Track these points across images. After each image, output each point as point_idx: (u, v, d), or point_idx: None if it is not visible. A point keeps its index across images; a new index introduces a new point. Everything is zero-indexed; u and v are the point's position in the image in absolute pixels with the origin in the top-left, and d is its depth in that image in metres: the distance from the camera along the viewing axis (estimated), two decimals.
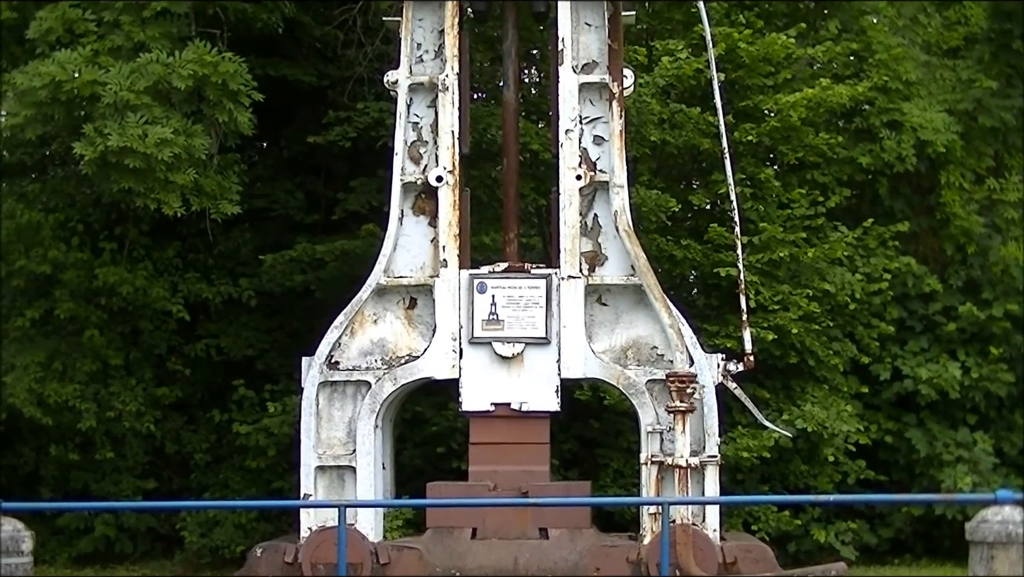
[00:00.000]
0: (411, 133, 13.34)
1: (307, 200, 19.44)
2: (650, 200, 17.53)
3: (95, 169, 13.94)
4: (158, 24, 14.31)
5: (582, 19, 13.33)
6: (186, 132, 13.98)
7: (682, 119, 17.93)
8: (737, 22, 18.51)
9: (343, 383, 13.19)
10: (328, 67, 19.18)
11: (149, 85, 13.84)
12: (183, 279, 18.73)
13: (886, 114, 18.71)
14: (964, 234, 18.85)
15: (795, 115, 18.08)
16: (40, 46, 14.22)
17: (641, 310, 13.08)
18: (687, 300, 17.75)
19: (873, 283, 18.37)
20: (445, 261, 13.06)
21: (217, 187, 15.03)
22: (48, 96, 13.76)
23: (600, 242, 13.22)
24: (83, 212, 18.26)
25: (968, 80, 19.07)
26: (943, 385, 18.26)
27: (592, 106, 13.28)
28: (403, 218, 13.29)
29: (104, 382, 18.31)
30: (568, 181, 13.09)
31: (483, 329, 13.03)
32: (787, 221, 18.09)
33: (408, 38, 13.41)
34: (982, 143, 19.18)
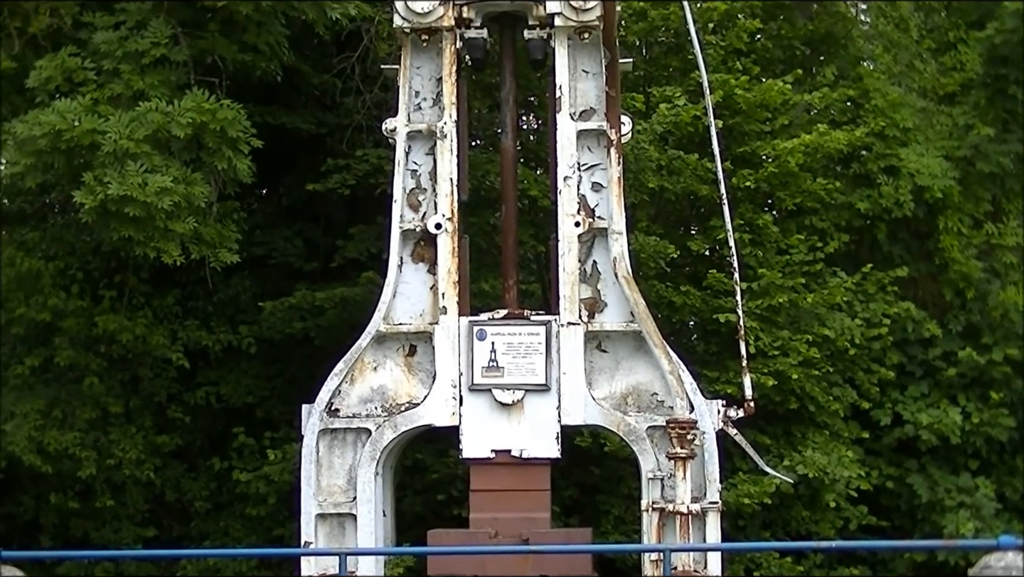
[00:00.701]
0: (410, 180, 13.35)
1: (306, 247, 19.47)
2: (649, 246, 17.57)
3: (95, 217, 13.96)
4: (157, 72, 14.36)
5: (579, 66, 13.36)
6: (185, 180, 14.01)
7: (680, 165, 17.99)
8: (734, 69, 18.60)
9: (343, 430, 13.16)
10: (327, 115, 19.24)
11: (148, 133, 13.87)
12: (183, 327, 18.74)
13: (884, 160, 18.78)
14: (963, 279, 18.87)
15: (793, 161, 18.15)
16: (40, 95, 14.27)
17: (641, 356, 13.06)
18: (687, 346, 17.75)
19: (873, 328, 18.38)
20: (444, 308, 13.05)
21: (217, 235, 15.04)
22: (48, 145, 13.79)
23: (599, 288, 13.21)
24: (83, 260, 18.27)
25: (965, 125, 19.14)
26: (944, 430, 18.25)
27: (590, 153, 13.30)
28: (402, 265, 13.28)
29: (104, 430, 18.28)
30: (567, 228, 13.09)
31: (483, 376, 13.01)
32: (786, 267, 18.13)
33: (406, 86, 13.43)
34: (980, 188, 19.24)
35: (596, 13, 13.04)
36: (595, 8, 13.02)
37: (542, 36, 13.32)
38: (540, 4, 13.15)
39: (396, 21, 13.27)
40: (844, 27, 20.33)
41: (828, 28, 20.15)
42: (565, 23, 13.12)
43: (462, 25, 13.28)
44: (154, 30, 14.37)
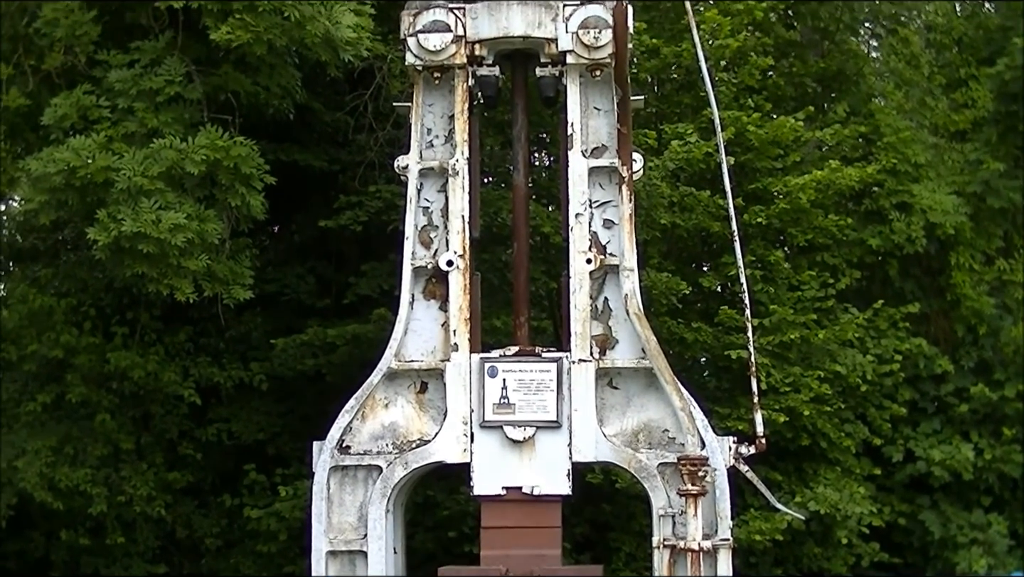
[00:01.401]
0: (421, 217, 13.38)
1: (318, 284, 19.51)
2: (661, 283, 17.58)
3: (108, 254, 13.97)
4: (171, 110, 14.39)
5: (591, 104, 13.40)
6: (199, 217, 14.03)
7: (692, 202, 18.02)
8: (746, 106, 18.65)
9: (354, 467, 13.15)
10: (339, 152, 19.31)
11: (162, 170, 13.89)
12: (195, 363, 18.77)
13: (895, 196, 18.81)
14: (975, 315, 18.87)
15: (804, 197, 18.17)
16: (54, 132, 14.30)
17: (652, 393, 13.05)
18: (698, 383, 17.74)
19: (884, 364, 18.37)
20: (456, 345, 13.06)
21: (229, 272, 15.06)
22: (62, 182, 13.81)
23: (611, 325, 13.20)
24: (95, 297, 18.33)
25: (976, 162, 19.18)
26: (956, 467, 18.22)
27: (602, 190, 13.32)
28: (414, 302, 13.29)
29: (115, 466, 18.30)
30: (578, 265, 13.10)
31: (494, 413, 12.99)
32: (797, 303, 18.13)
33: (418, 123, 13.47)
34: (991, 224, 19.27)
35: (608, 51, 13.07)
36: (607, 46, 13.06)
37: (554, 74, 13.36)
38: (552, 42, 13.18)
39: (408, 59, 13.32)
40: (855, 64, 20.40)
41: (840, 65, 20.23)
42: (577, 61, 13.16)
43: (474, 63, 13.32)
44: (168, 68, 14.43)
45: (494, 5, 13.21)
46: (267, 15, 13.64)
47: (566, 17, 13.13)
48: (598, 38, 13.05)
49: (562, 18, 13.14)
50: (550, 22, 13.16)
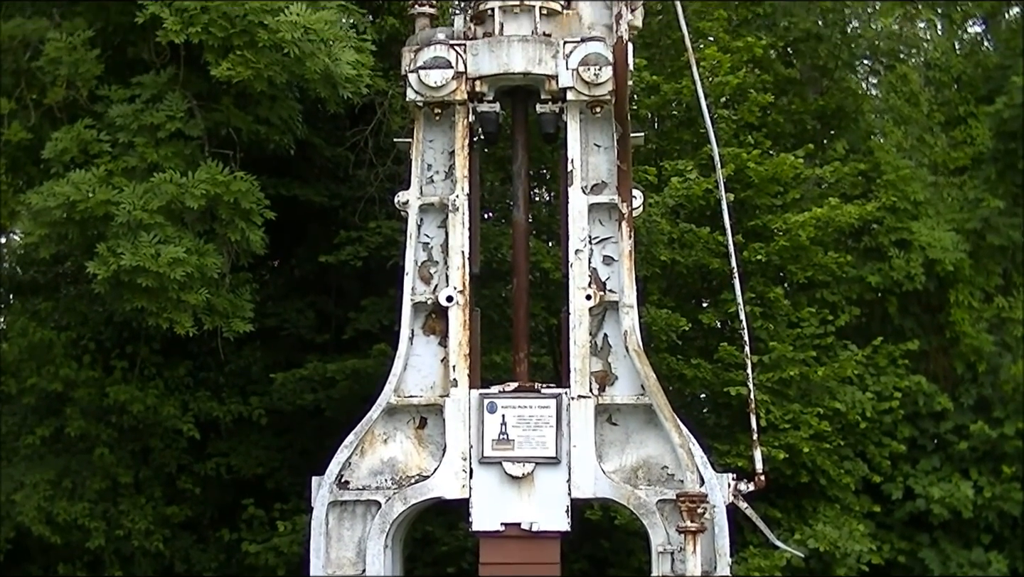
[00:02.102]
0: (421, 253, 13.40)
1: (318, 319, 19.52)
2: (660, 319, 17.59)
3: (108, 288, 14.00)
4: (172, 145, 14.44)
5: (591, 140, 13.43)
6: (198, 251, 14.06)
7: (692, 239, 18.04)
8: (746, 142, 18.69)
9: (353, 502, 13.13)
10: (340, 187, 19.36)
11: (162, 205, 13.92)
12: (194, 397, 18.77)
13: (895, 233, 18.84)
14: (974, 352, 18.88)
15: (804, 234, 18.20)
16: (55, 166, 14.34)
17: (651, 430, 13.04)
18: (698, 419, 17.74)
19: (884, 402, 18.37)
20: (455, 381, 13.05)
21: (229, 306, 15.08)
22: (62, 216, 13.85)
23: (610, 361, 13.20)
24: (95, 330, 18.36)
25: (975, 199, 19.23)
26: (956, 504, 18.19)
27: (602, 226, 13.34)
28: (413, 338, 13.29)
29: (114, 500, 18.28)
30: (578, 301, 13.10)
31: (493, 449, 12.98)
32: (797, 340, 18.13)
33: (419, 159, 13.50)
34: (990, 261, 19.29)
35: (608, 88, 13.11)
36: (607, 83, 13.09)
37: (554, 110, 13.39)
38: (552, 79, 13.22)
39: (409, 95, 13.36)
40: (855, 101, 20.47)
41: (839, 103, 20.30)
42: (577, 97, 13.20)
43: (475, 99, 13.36)
44: (169, 103, 14.48)
45: (495, 42, 13.25)
46: (267, 51, 13.69)
47: (566, 54, 13.17)
48: (598, 75, 13.09)
49: (562, 55, 13.18)
50: (550, 59, 13.19)
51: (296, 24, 13.43)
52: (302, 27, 13.46)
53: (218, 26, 13.62)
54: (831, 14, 20.30)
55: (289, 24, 13.42)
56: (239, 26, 13.60)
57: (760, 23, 20.22)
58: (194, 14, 13.61)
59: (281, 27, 13.41)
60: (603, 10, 13.46)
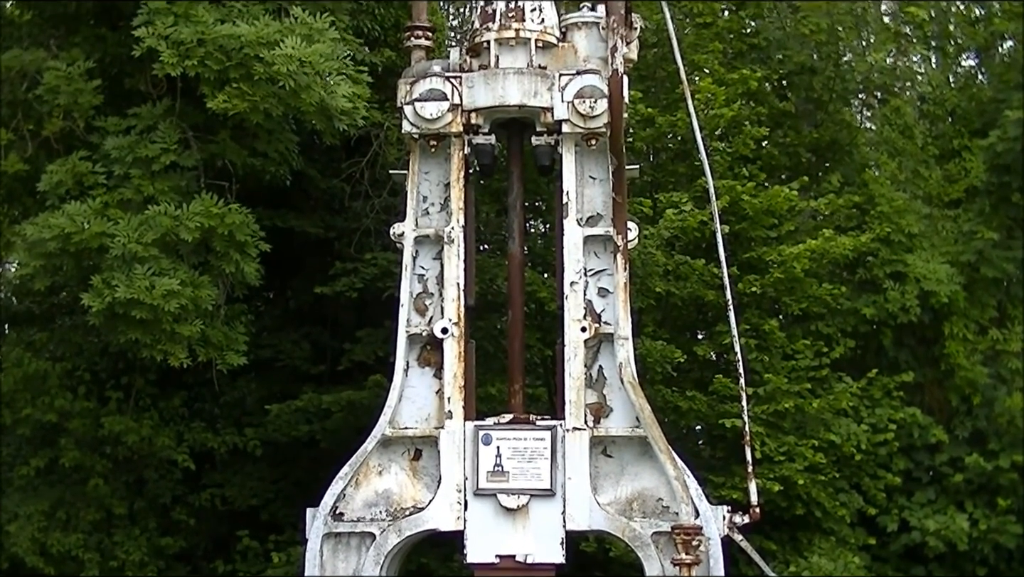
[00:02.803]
0: (416, 285, 13.41)
1: (313, 350, 19.52)
2: (655, 351, 17.60)
3: (102, 320, 14.02)
4: (167, 177, 14.48)
5: (586, 173, 13.46)
6: (193, 283, 14.08)
7: (687, 271, 18.06)
8: (740, 175, 18.73)
9: (347, 534, 13.11)
10: (335, 219, 19.38)
11: (157, 237, 13.96)
12: (189, 428, 18.76)
13: (889, 265, 18.87)
14: (969, 385, 18.88)
15: (799, 266, 18.22)
16: (50, 198, 14.38)
17: (646, 462, 13.03)
18: (693, 451, 17.72)
19: (879, 434, 18.37)
20: (450, 413, 13.05)
21: (224, 338, 15.10)
22: (57, 247, 13.88)
23: (605, 393, 13.20)
24: (90, 361, 18.35)
25: (970, 231, 19.26)
26: (951, 537, 18.16)
27: (597, 258, 13.35)
28: (408, 369, 13.29)
29: (108, 531, 18.25)
30: (573, 333, 13.11)
31: (488, 481, 12.97)
32: (792, 372, 18.14)
33: (414, 191, 13.52)
34: (985, 294, 19.31)
35: (603, 120, 13.14)
36: (602, 115, 13.12)
37: (549, 142, 13.42)
38: (548, 111, 13.25)
39: (405, 127, 13.39)
40: (849, 134, 20.52)
41: (833, 135, 20.35)
42: (572, 130, 13.23)
43: (470, 131, 13.39)
44: (164, 135, 14.52)
45: (490, 74, 13.30)
46: (263, 84, 13.72)
47: (562, 86, 13.21)
48: (594, 107, 13.12)
49: (558, 87, 13.22)
50: (546, 91, 13.23)
51: (292, 57, 13.47)
52: (297, 60, 13.50)
53: (214, 59, 13.67)
54: (825, 47, 20.36)
55: (285, 57, 13.46)
56: (235, 59, 13.65)
57: (755, 56, 20.29)
58: (190, 47, 13.66)
59: (277, 60, 13.45)
60: (598, 43, 13.50)
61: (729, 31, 20.22)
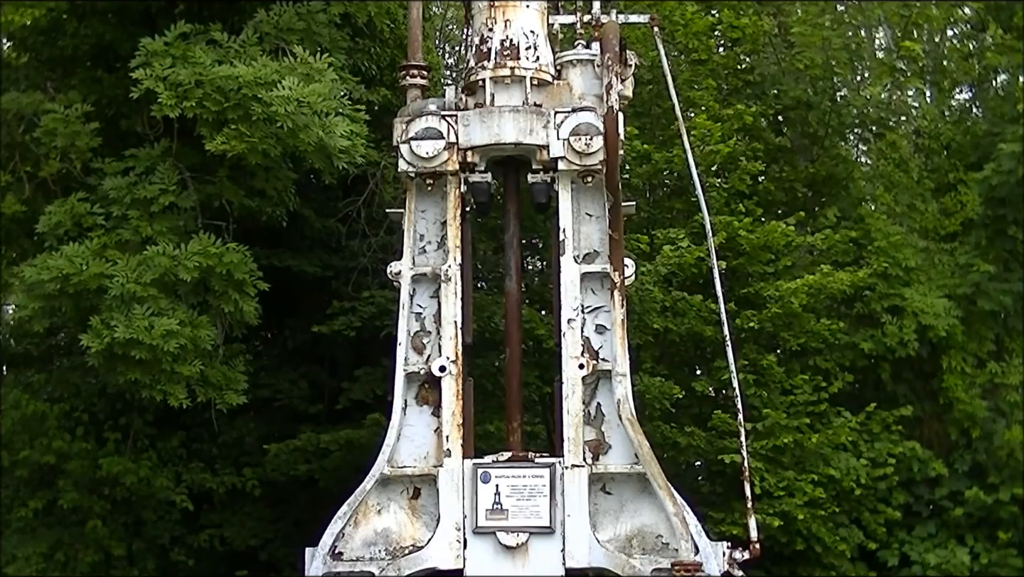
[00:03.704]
0: (414, 323, 13.41)
1: (311, 389, 19.51)
2: (653, 387, 17.60)
3: (101, 360, 14.02)
4: (166, 218, 14.51)
5: (583, 210, 13.48)
6: (192, 323, 14.10)
7: (684, 307, 18.08)
8: (737, 211, 18.77)
9: (347, 574, 13.05)
10: (332, 257, 19.40)
11: (156, 277, 13.98)
12: (187, 469, 18.73)
13: (887, 300, 18.87)
14: (968, 418, 18.86)
15: (796, 302, 18.23)
16: (49, 240, 14.40)
17: (645, 498, 13.01)
18: (692, 487, 17.70)
19: (878, 468, 18.35)
20: (449, 451, 13.03)
21: (223, 377, 15.10)
22: (56, 289, 13.89)
23: (603, 430, 13.19)
24: (88, 402, 18.34)
25: (966, 265, 19.26)
26: (952, 571, 18.13)
27: (594, 295, 13.35)
28: (406, 408, 13.28)
29: (107, 573, 18.19)
30: (571, 370, 13.11)
31: (487, 519, 12.95)
32: (790, 407, 18.14)
33: (411, 229, 13.54)
34: (982, 327, 19.30)
35: (599, 157, 13.16)
36: (598, 152, 13.14)
37: (545, 180, 13.42)
38: (544, 148, 13.27)
39: (401, 165, 13.42)
40: (845, 169, 20.57)
41: (829, 170, 20.39)
42: (568, 167, 13.25)
43: (466, 169, 13.41)
44: (162, 176, 14.56)
45: (486, 112, 13.33)
46: (262, 124, 13.75)
47: (557, 124, 13.24)
48: (589, 145, 13.14)
49: (553, 125, 13.25)
50: (541, 129, 13.26)
51: (290, 98, 13.51)
52: (295, 100, 13.53)
53: (212, 100, 13.71)
54: (821, 82, 20.43)
55: (283, 98, 13.49)
56: (233, 100, 13.69)
57: (750, 92, 20.35)
58: (188, 88, 13.70)
59: (275, 101, 13.48)
60: (593, 80, 13.55)
61: (724, 67, 20.29)
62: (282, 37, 14.84)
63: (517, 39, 13.50)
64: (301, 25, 15.06)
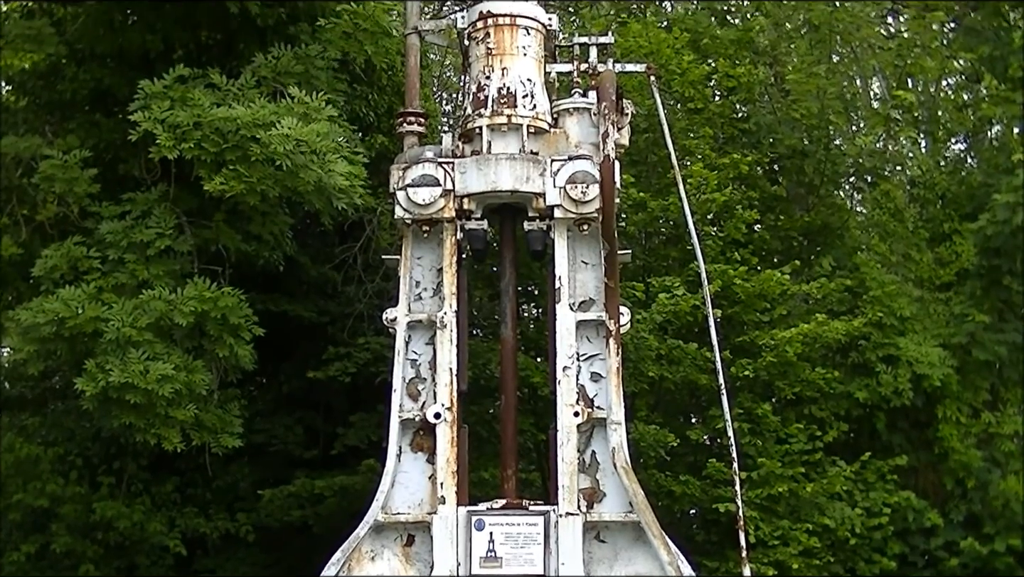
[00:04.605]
0: (409, 370, 13.42)
1: (306, 435, 19.48)
2: (648, 435, 17.58)
3: (96, 404, 14.02)
4: (161, 262, 14.53)
5: (579, 257, 13.51)
6: (187, 368, 14.10)
7: (679, 355, 18.07)
8: (732, 259, 18.79)
9: None
10: (328, 303, 19.41)
11: (151, 321, 14.00)
12: (181, 514, 18.66)
13: (882, 349, 18.86)
14: (963, 468, 18.83)
15: (791, 350, 18.23)
16: (45, 283, 14.41)
17: (640, 547, 12.98)
18: (687, 536, 17.63)
19: (873, 518, 18.29)
20: (443, 498, 13.01)
21: (218, 422, 15.08)
22: (51, 332, 13.90)
23: (598, 478, 13.18)
24: (82, 446, 18.31)
25: (961, 315, 19.25)
26: None
27: (589, 343, 13.37)
28: (401, 455, 13.27)
29: None
30: (566, 418, 13.10)
31: (481, 567, 12.91)
32: (785, 456, 18.11)
33: (407, 276, 13.57)
34: (977, 377, 19.30)
35: (595, 205, 13.21)
36: (594, 200, 13.20)
37: (542, 227, 13.48)
38: (540, 196, 13.32)
39: (398, 212, 13.46)
40: (840, 218, 20.61)
41: (824, 219, 20.42)
42: (565, 215, 13.30)
43: (463, 216, 13.45)
44: (159, 220, 14.59)
45: (483, 160, 13.38)
46: (260, 165, 13.79)
47: (554, 172, 13.30)
48: (585, 193, 13.20)
49: (550, 173, 13.30)
50: (538, 177, 13.31)
51: (288, 137, 13.55)
52: (294, 140, 13.57)
53: (211, 142, 13.76)
54: (816, 131, 20.49)
55: (281, 137, 13.53)
56: (232, 141, 13.74)
57: (746, 141, 20.41)
58: (187, 130, 13.75)
59: (273, 140, 13.52)
60: (590, 128, 13.61)
61: (720, 116, 20.35)
62: (280, 81, 14.91)
63: (514, 87, 13.56)
64: (299, 69, 15.13)
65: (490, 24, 13.71)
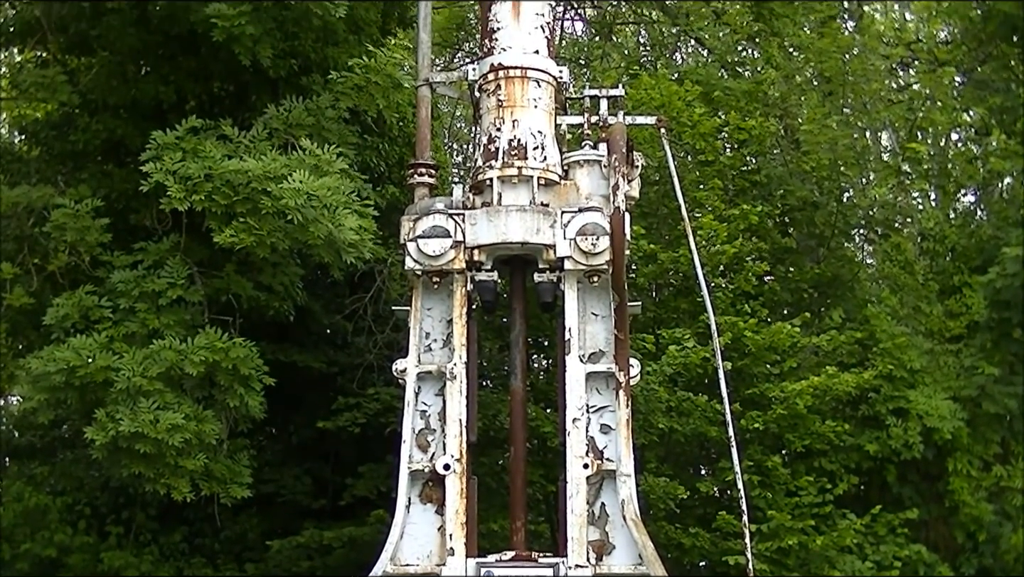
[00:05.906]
0: (419, 421, 13.40)
1: (315, 485, 19.45)
2: (658, 487, 17.54)
3: (105, 453, 14.02)
4: (173, 312, 14.56)
5: (589, 309, 13.51)
6: (197, 417, 14.11)
7: (689, 407, 18.06)
8: (742, 311, 18.79)
9: None
10: (338, 354, 19.43)
11: (162, 371, 14.01)
12: (189, 564, 18.62)
13: (892, 402, 18.83)
14: (974, 521, 18.77)
15: (801, 403, 18.20)
16: (56, 332, 14.44)
17: None
18: None
19: (884, 571, 18.21)
20: (452, 550, 12.97)
21: (227, 472, 15.07)
22: (62, 381, 13.91)
23: (607, 531, 13.14)
24: (91, 495, 18.31)
25: (971, 367, 19.25)
26: None
27: (599, 395, 13.35)
28: (410, 506, 13.24)
29: None
30: (575, 470, 13.06)
31: None
32: (795, 509, 18.05)
33: (417, 327, 13.57)
34: (988, 430, 19.27)
35: (605, 257, 13.21)
36: (604, 252, 13.20)
37: (552, 279, 13.46)
38: (550, 248, 13.32)
39: (408, 263, 13.46)
40: (851, 270, 20.63)
41: (835, 271, 20.44)
42: (575, 267, 13.30)
43: (473, 268, 13.45)
44: (171, 270, 14.63)
45: (493, 211, 13.39)
46: (270, 218, 13.82)
47: (564, 224, 13.30)
48: (596, 245, 13.20)
49: (560, 224, 13.30)
50: (548, 228, 13.31)
51: (299, 191, 13.58)
52: (305, 193, 13.60)
53: (221, 194, 13.80)
54: (827, 183, 20.54)
55: (292, 191, 13.56)
56: (242, 193, 13.77)
57: (756, 192, 20.45)
58: (198, 182, 13.79)
59: (284, 193, 13.55)
60: (600, 180, 13.62)
61: (731, 168, 20.40)
62: (291, 132, 14.96)
63: (525, 139, 13.59)
64: (310, 121, 15.18)
65: (501, 76, 13.75)
